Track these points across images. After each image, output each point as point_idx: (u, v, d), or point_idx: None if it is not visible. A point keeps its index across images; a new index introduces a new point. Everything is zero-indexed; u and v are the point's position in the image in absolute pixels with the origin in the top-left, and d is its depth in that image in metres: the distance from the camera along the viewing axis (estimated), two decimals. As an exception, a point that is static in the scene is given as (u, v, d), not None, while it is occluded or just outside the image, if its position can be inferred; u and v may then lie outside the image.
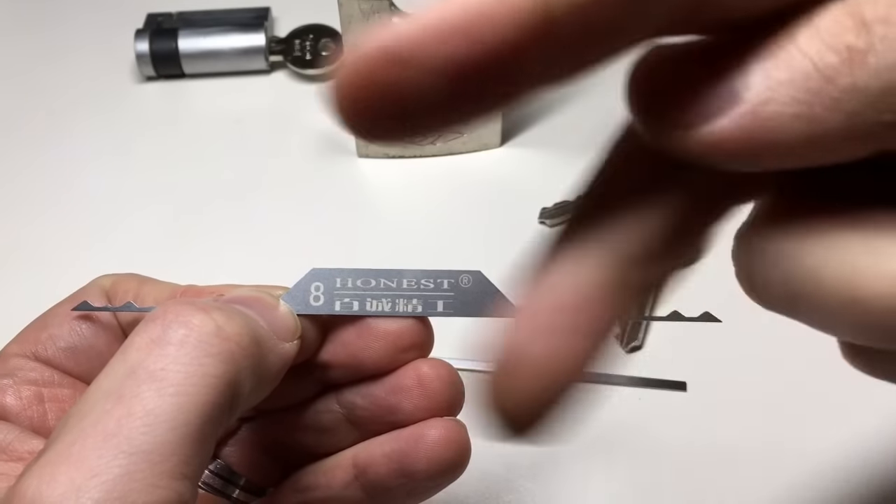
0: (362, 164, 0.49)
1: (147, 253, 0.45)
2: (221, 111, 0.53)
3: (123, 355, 0.21)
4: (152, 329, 0.21)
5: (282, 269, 0.44)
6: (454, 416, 0.27)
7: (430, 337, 0.27)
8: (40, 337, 0.27)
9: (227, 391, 0.21)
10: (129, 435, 0.19)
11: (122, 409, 0.20)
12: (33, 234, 0.46)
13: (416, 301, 0.26)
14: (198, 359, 0.21)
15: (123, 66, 0.55)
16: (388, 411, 0.27)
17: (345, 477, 0.27)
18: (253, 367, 0.22)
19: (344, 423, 0.27)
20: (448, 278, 0.26)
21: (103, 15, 0.58)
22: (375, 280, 0.26)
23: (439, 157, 0.49)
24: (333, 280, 0.26)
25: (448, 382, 0.26)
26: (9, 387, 0.26)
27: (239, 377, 0.22)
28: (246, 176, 0.49)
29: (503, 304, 0.26)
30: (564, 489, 0.36)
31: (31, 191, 0.49)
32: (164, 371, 0.20)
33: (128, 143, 0.51)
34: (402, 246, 0.45)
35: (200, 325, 0.21)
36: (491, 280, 0.26)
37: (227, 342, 0.21)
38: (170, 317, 0.21)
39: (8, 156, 0.50)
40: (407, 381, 0.26)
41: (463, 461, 0.26)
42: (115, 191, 0.48)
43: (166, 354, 0.21)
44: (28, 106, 0.53)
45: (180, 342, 0.21)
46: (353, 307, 0.26)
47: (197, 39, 0.53)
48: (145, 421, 0.19)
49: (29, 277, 0.44)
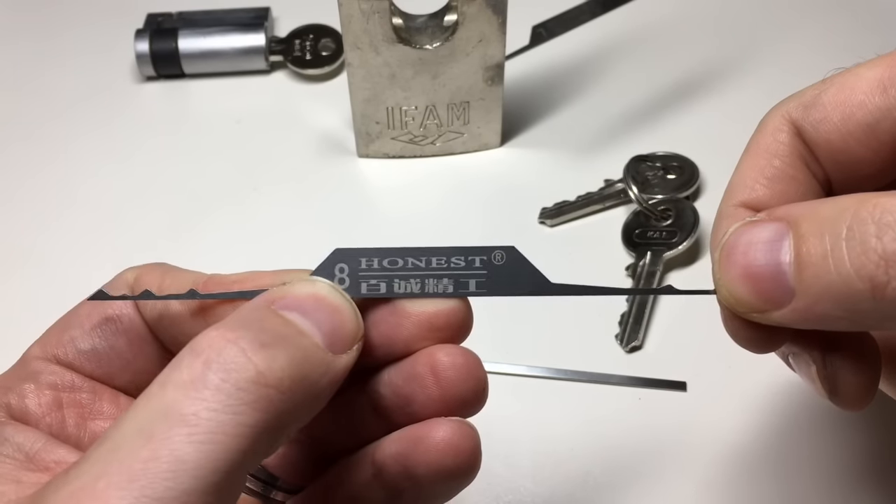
0: (362, 164, 0.49)
1: (147, 253, 0.45)
2: (221, 111, 0.53)
3: (162, 389, 0.21)
4: (194, 366, 0.21)
5: (281, 268, 0.44)
6: (474, 410, 0.25)
7: (470, 317, 0.25)
8: (62, 339, 0.26)
9: (261, 438, 0.21)
10: (154, 480, 0.19)
11: (150, 450, 0.19)
12: (33, 234, 0.46)
13: (446, 280, 0.25)
14: (232, 407, 0.20)
15: (123, 66, 0.55)
16: (405, 401, 0.25)
17: (365, 475, 0.26)
18: (296, 408, 0.22)
19: (371, 414, 0.26)
20: (480, 255, 0.25)
21: (103, 15, 0.58)
22: (403, 259, 0.25)
23: (439, 157, 0.49)
24: (358, 261, 0.25)
25: (465, 373, 0.25)
26: (30, 392, 0.25)
27: (278, 422, 0.21)
28: (246, 176, 0.49)
29: (538, 281, 0.25)
30: (564, 489, 0.36)
31: (31, 191, 0.49)
32: (197, 417, 0.20)
33: (128, 143, 0.51)
34: (402, 245, 0.45)
35: (238, 371, 0.21)
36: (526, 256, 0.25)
37: (265, 389, 0.21)
38: (212, 355, 0.21)
39: (7, 156, 0.50)
40: (420, 367, 0.25)
41: (469, 469, 0.25)
42: (115, 191, 0.48)
43: (202, 399, 0.20)
44: (28, 106, 0.53)
45: (216, 388, 0.20)
46: (381, 289, 0.25)
47: (197, 39, 0.53)
48: (171, 467, 0.19)
49: (29, 277, 0.44)
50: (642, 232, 0.44)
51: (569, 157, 0.49)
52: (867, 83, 0.24)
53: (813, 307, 0.21)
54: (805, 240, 0.21)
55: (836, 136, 0.25)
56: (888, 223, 0.20)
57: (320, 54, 0.54)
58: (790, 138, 0.25)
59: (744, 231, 0.23)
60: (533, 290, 0.25)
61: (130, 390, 0.27)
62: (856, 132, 0.24)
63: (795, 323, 0.22)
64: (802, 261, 0.21)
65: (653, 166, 0.46)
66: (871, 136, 0.24)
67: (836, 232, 0.21)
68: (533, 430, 0.38)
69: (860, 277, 0.20)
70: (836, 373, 0.25)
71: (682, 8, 0.57)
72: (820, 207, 0.22)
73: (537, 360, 0.40)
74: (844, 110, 0.24)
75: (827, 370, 0.25)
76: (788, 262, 0.21)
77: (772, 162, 0.26)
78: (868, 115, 0.24)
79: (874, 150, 0.25)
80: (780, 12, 0.56)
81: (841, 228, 0.20)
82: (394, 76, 0.45)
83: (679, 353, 0.40)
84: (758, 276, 0.22)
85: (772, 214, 0.23)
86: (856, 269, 0.20)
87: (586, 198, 0.46)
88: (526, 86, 0.52)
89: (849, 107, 0.24)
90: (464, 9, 0.43)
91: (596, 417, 0.38)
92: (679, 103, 0.51)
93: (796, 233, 0.21)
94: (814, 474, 0.36)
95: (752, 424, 0.38)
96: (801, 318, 0.22)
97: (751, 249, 0.22)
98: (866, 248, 0.20)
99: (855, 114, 0.24)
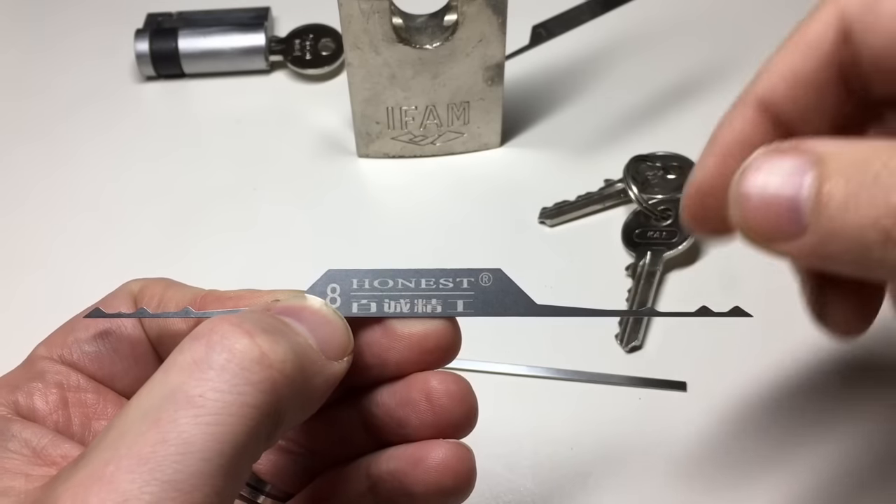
0: (362, 163, 0.49)
1: (147, 252, 0.45)
2: (221, 111, 0.53)
3: (166, 374, 0.21)
4: (196, 349, 0.21)
5: (281, 269, 0.45)
6: (465, 432, 0.26)
7: (458, 338, 0.26)
8: (67, 341, 0.27)
9: (265, 421, 0.21)
10: (163, 462, 0.19)
11: (157, 433, 0.19)
12: (33, 234, 0.46)
13: (435, 301, 0.25)
14: (237, 387, 0.20)
15: (123, 66, 0.55)
16: (397, 423, 0.26)
17: (359, 488, 0.26)
18: (296, 395, 0.22)
19: (361, 431, 0.27)
20: (468, 277, 0.25)
21: (103, 15, 0.58)
22: (393, 280, 0.25)
23: (439, 157, 0.49)
24: (350, 281, 0.25)
25: (458, 399, 0.25)
26: (37, 390, 0.26)
27: (280, 406, 0.21)
28: (246, 176, 0.49)
29: (524, 303, 0.25)
30: (564, 489, 0.36)
31: (31, 191, 0.49)
32: (203, 398, 0.20)
33: (128, 143, 0.51)
34: (403, 245, 0.45)
35: (243, 351, 0.21)
36: (511, 278, 0.25)
37: (269, 370, 0.21)
38: (215, 337, 0.21)
39: (7, 156, 0.50)
40: (414, 393, 0.26)
41: (465, 488, 0.25)
42: (115, 191, 0.48)
43: (207, 379, 0.20)
44: (28, 106, 0.53)
45: (221, 367, 0.20)
46: (371, 309, 0.25)
47: (197, 39, 0.53)
48: (179, 449, 0.19)
49: (30, 277, 0.44)
50: (642, 232, 0.44)
51: (569, 157, 0.49)
52: None
53: (822, 247, 0.21)
54: (829, 178, 0.20)
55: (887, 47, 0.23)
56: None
57: (320, 54, 0.54)
58: (835, 37, 0.24)
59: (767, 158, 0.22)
60: (519, 311, 0.25)
61: (132, 394, 0.27)
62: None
63: (801, 258, 0.22)
64: (822, 199, 0.21)
65: (653, 166, 0.46)
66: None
67: (862, 178, 0.20)
68: (533, 431, 0.38)
69: (875, 228, 0.20)
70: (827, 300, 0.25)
71: (682, 8, 0.57)
72: (852, 149, 0.21)
73: (537, 360, 0.40)
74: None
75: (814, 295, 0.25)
76: (807, 198, 0.21)
77: (807, 64, 0.24)
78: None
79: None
80: (779, 12, 0.56)
81: (867, 175, 0.20)
82: (394, 76, 0.45)
83: (679, 353, 0.40)
84: (773, 205, 0.22)
85: (800, 146, 0.22)
86: (872, 219, 0.20)
87: (586, 198, 0.46)
88: (526, 86, 0.52)
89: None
90: (464, 9, 0.43)
91: (596, 417, 0.38)
92: (679, 103, 0.51)
93: (822, 170, 0.21)
94: (814, 474, 0.36)
95: (752, 425, 0.38)
96: (807, 254, 0.21)
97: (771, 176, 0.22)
98: (888, 200, 0.19)
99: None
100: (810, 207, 0.21)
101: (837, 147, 0.21)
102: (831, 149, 0.21)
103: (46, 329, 0.28)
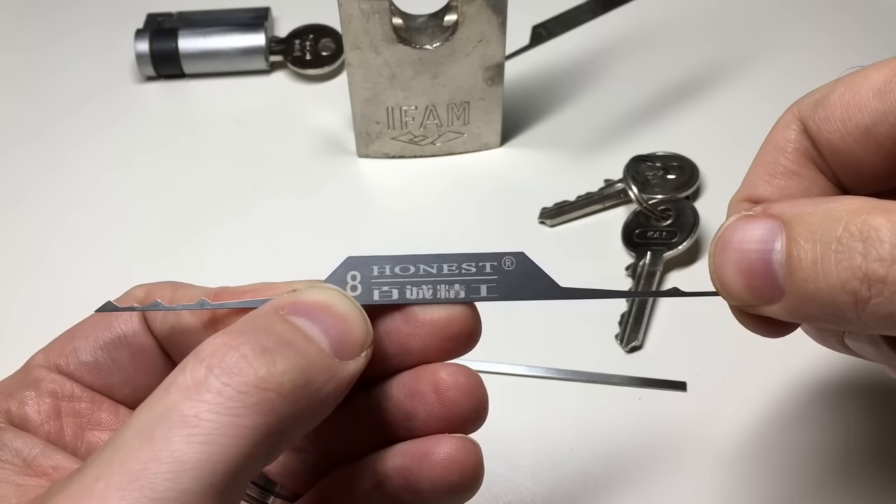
0: (362, 164, 0.49)
1: (147, 253, 0.45)
2: (221, 111, 0.53)
3: (165, 393, 0.21)
4: (197, 371, 0.21)
5: (281, 269, 0.44)
6: (474, 427, 0.26)
7: (479, 324, 0.26)
8: (65, 349, 0.27)
9: (264, 441, 0.21)
10: (153, 480, 0.19)
11: (150, 451, 0.19)
12: (33, 234, 0.46)
13: (458, 286, 0.25)
14: (233, 409, 0.20)
15: (123, 66, 0.55)
16: (405, 416, 0.26)
17: (366, 486, 0.26)
18: (300, 411, 0.21)
19: (370, 426, 0.26)
20: (491, 261, 0.25)
21: (103, 14, 0.58)
22: (415, 266, 0.25)
23: (439, 157, 0.49)
24: (370, 268, 0.25)
25: (467, 392, 0.25)
26: (30, 399, 0.26)
27: (281, 426, 0.21)
28: (246, 176, 0.49)
29: (549, 286, 0.25)
30: (564, 489, 0.36)
31: (31, 191, 0.49)
32: (198, 418, 0.20)
33: (128, 143, 0.51)
34: (402, 245, 0.45)
35: (240, 375, 0.21)
36: (535, 261, 0.25)
37: (265, 392, 0.21)
38: (214, 360, 0.21)
39: (7, 156, 0.50)
40: (423, 384, 0.25)
41: (472, 484, 0.25)
42: (115, 191, 0.48)
43: (203, 401, 0.20)
44: (27, 105, 0.53)
45: (218, 391, 0.20)
46: (393, 296, 0.25)
47: (197, 39, 0.53)
48: (171, 468, 0.19)
49: (30, 278, 0.44)
50: (642, 232, 0.44)
51: (569, 157, 0.49)
52: (870, 85, 0.24)
53: (801, 308, 0.22)
54: (796, 243, 0.22)
55: (837, 137, 0.25)
56: (873, 242, 0.20)
57: (320, 54, 0.54)
58: (798, 136, 0.26)
59: (739, 225, 0.23)
60: (543, 294, 0.25)
61: (130, 403, 0.27)
62: (854, 133, 0.25)
63: (786, 318, 0.23)
64: (793, 263, 0.22)
65: (653, 166, 0.46)
66: (869, 138, 0.24)
67: (827, 241, 0.21)
68: (533, 430, 0.38)
69: (845, 290, 0.21)
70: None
71: (682, 8, 0.57)
72: (814, 211, 0.22)
73: (537, 360, 0.40)
74: (846, 111, 0.25)
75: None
76: (780, 262, 0.22)
77: (778, 158, 0.26)
78: (866, 118, 0.24)
79: (873, 153, 0.25)
80: (779, 12, 0.56)
81: (831, 238, 0.21)
82: (394, 76, 0.45)
83: (679, 353, 0.40)
84: (750, 272, 0.23)
85: (767, 210, 0.23)
86: (841, 282, 0.21)
87: (586, 198, 0.46)
88: (526, 86, 0.52)
89: (851, 108, 0.24)
90: (464, 9, 0.43)
91: (596, 417, 0.38)
92: (679, 103, 0.51)
93: (789, 234, 0.22)
94: (814, 475, 0.36)
95: (752, 424, 0.38)
96: (790, 315, 0.23)
97: (745, 245, 0.23)
98: (852, 263, 0.21)
99: (854, 115, 0.24)
100: (785, 272, 0.22)
101: (802, 209, 0.22)
102: (796, 210, 0.22)
103: (45, 329, 0.28)
